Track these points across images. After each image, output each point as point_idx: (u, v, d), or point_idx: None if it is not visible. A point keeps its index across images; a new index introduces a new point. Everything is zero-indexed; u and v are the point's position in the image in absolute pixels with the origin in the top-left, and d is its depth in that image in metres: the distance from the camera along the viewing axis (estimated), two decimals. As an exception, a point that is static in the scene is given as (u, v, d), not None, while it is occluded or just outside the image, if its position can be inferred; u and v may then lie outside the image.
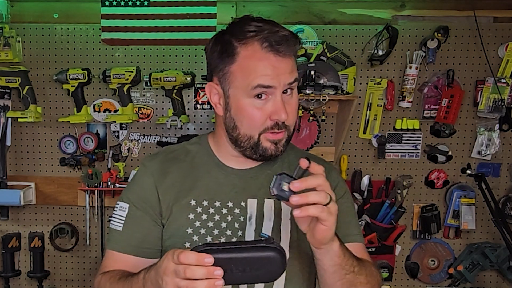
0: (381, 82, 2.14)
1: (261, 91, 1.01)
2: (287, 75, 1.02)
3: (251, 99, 1.02)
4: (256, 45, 1.01)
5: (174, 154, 1.17)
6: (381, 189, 2.19)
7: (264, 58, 1.01)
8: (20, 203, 2.11)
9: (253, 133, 1.05)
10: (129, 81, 2.09)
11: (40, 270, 2.20)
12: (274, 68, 1.01)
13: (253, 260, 0.80)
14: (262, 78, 1.00)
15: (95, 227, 2.21)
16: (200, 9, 2.02)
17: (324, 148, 2.18)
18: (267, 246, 0.81)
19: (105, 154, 2.19)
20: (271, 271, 0.81)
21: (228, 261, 0.79)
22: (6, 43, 2.09)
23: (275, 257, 0.80)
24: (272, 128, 1.03)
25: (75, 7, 2.13)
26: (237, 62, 1.03)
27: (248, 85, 1.01)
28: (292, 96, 1.06)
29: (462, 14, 2.11)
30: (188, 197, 1.11)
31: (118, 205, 1.14)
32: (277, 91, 1.02)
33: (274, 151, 1.06)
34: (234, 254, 0.80)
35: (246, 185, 1.12)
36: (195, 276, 0.78)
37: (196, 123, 2.20)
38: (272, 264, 0.81)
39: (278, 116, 1.02)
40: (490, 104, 2.10)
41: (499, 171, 2.21)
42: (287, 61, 1.03)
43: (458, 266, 2.16)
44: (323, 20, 2.14)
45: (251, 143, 1.06)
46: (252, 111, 1.03)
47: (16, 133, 2.20)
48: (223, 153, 1.15)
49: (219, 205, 1.10)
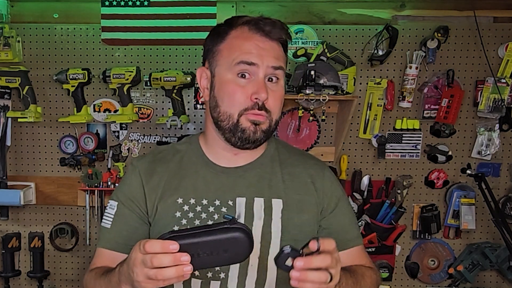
0: (381, 82, 2.14)
1: (244, 67, 1.04)
2: (271, 57, 1.05)
3: (234, 76, 1.05)
4: (245, 28, 1.07)
5: (163, 154, 1.18)
6: (381, 189, 2.19)
7: (250, 38, 1.05)
8: (20, 203, 2.11)
9: (232, 111, 1.05)
10: (129, 81, 2.09)
11: (40, 270, 2.20)
12: (258, 48, 1.04)
13: (218, 243, 0.80)
14: (245, 55, 1.04)
15: (95, 227, 2.22)
16: (200, 9, 2.02)
17: (324, 148, 2.19)
18: (231, 227, 0.81)
19: (105, 154, 2.19)
20: (238, 252, 0.81)
21: (194, 246, 0.79)
22: (6, 43, 2.09)
23: (240, 237, 0.80)
24: (252, 109, 1.04)
25: (75, 7, 2.13)
26: (226, 41, 1.08)
27: (233, 61, 1.04)
28: (277, 85, 1.07)
29: (462, 14, 2.11)
30: (175, 195, 1.11)
31: (108, 204, 1.16)
32: (260, 71, 1.04)
33: (253, 132, 1.05)
34: (199, 238, 0.79)
35: (234, 184, 1.12)
36: (163, 264, 0.78)
37: (196, 123, 2.20)
38: (238, 245, 0.81)
39: (258, 95, 1.03)
40: (490, 104, 2.10)
41: (499, 171, 2.21)
42: (273, 44, 1.06)
43: (458, 266, 2.17)
44: (323, 20, 2.14)
45: (230, 123, 1.06)
46: (233, 87, 1.05)
47: (16, 133, 2.20)
48: (212, 151, 1.15)
49: (206, 203, 1.10)
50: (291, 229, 1.10)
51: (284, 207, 1.11)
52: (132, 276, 0.83)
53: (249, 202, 1.10)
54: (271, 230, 1.09)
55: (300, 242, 1.10)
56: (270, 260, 1.08)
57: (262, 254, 1.08)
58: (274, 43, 1.07)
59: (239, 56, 1.04)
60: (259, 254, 1.08)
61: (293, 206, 1.12)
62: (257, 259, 1.08)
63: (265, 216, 1.10)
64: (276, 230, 1.09)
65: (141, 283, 0.82)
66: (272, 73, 1.06)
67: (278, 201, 1.11)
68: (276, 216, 1.10)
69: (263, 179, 1.13)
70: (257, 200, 1.11)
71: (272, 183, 1.13)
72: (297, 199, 1.13)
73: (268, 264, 1.08)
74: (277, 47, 1.07)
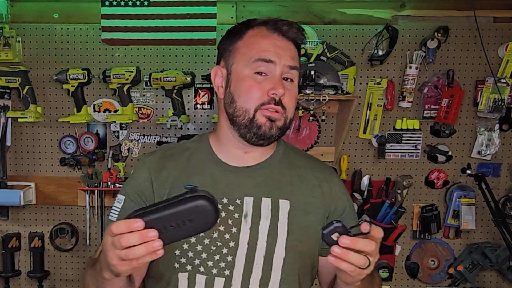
0: (381, 82, 2.14)
1: (261, 65, 1.05)
2: (287, 57, 1.07)
3: (251, 73, 1.06)
4: (262, 27, 1.09)
5: (172, 151, 1.19)
6: (381, 189, 2.19)
7: (268, 36, 1.08)
8: (20, 203, 2.11)
9: (249, 106, 1.06)
10: (129, 81, 2.09)
11: (40, 270, 2.20)
12: (276, 46, 1.06)
13: (183, 213, 0.80)
14: (263, 53, 1.05)
15: (95, 227, 2.22)
16: (200, 9, 2.02)
17: (324, 148, 2.19)
18: (193, 196, 0.81)
19: (105, 154, 2.19)
20: (205, 219, 0.81)
21: (159, 220, 0.79)
22: (6, 43, 2.09)
23: (204, 204, 0.80)
24: (268, 103, 1.05)
25: (75, 7, 2.14)
26: (243, 39, 1.10)
27: (251, 58, 1.06)
28: (292, 85, 1.09)
29: (462, 14, 2.11)
30: (183, 191, 1.11)
31: (116, 198, 1.17)
32: (277, 69, 1.06)
33: (269, 129, 1.06)
34: (163, 212, 0.80)
35: (243, 183, 1.12)
36: (131, 243, 0.78)
37: (196, 123, 2.20)
38: (203, 212, 0.81)
39: (275, 90, 1.04)
40: (490, 104, 2.10)
41: (499, 171, 2.21)
42: (289, 44, 1.09)
43: (458, 266, 2.17)
44: (323, 20, 2.14)
45: (245, 119, 1.06)
46: (250, 83, 1.06)
47: (16, 133, 2.20)
48: (222, 149, 1.15)
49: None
50: (297, 230, 1.10)
51: (291, 208, 1.11)
52: (108, 260, 0.84)
53: (256, 201, 1.11)
54: (277, 230, 1.10)
55: (306, 243, 1.11)
56: (275, 260, 1.08)
57: (267, 253, 1.08)
58: (291, 43, 1.09)
59: (257, 53, 1.06)
60: (264, 253, 1.08)
61: (300, 207, 1.12)
62: (262, 258, 1.08)
63: (272, 216, 1.10)
64: (282, 231, 1.10)
65: (116, 266, 0.83)
66: (288, 72, 1.07)
67: (285, 202, 1.12)
68: (283, 216, 1.11)
69: (271, 179, 1.14)
70: (265, 200, 1.11)
71: (280, 184, 1.14)
72: (304, 201, 1.13)
73: (273, 263, 1.08)
74: (293, 47, 1.10)
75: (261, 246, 1.08)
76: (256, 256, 1.07)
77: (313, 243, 1.13)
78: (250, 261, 1.07)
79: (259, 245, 1.08)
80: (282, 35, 1.08)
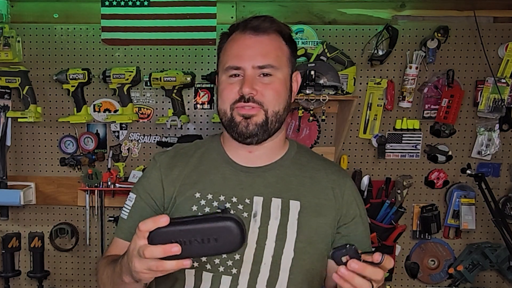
0: (381, 82, 2.14)
1: (231, 72, 1.10)
2: (258, 57, 1.09)
3: (227, 77, 1.12)
4: (237, 31, 1.13)
5: (185, 150, 1.22)
6: (381, 189, 2.19)
7: (238, 39, 1.12)
8: (20, 203, 2.11)
9: (225, 106, 1.11)
10: (129, 81, 2.09)
11: (40, 270, 2.20)
12: (245, 48, 1.10)
13: (210, 230, 0.81)
14: (232, 60, 1.10)
15: (95, 227, 2.22)
16: (200, 9, 2.02)
17: (324, 148, 2.18)
18: (223, 216, 0.82)
19: (105, 154, 2.19)
20: (230, 241, 0.82)
21: (187, 232, 0.81)
22: (6, 43, 2.09)
23: (231, 226, 0.81)
24: (239, 101, 1.08)
25: (75, 7, 2.14)
26: (224, 47, 1.16)
27: (224, 65, 1.12)
28: (270, 78, 1.10)
29: (462, 14, 2.11)
30: (193, 189, 1.13)
31: (128, 196, 1.20)
32: (246, 72, 1.09)
33: (245, 126, 1.09)
34: (191, 225, 0.81)
35: (253, 183, 1.13)
36: (155, 256, 0.79)
37: (196, 123, 2.20)
38: (229, 234, 0.82)
39: (241, 89, 1.08)
40: (490, 104, 2.10)
41: (499, 171, 2.21)
42: (261, 39, 1.10)
43: (458, 266, 2.17)
44: (323, 20, 2.14)
45: (226, 118, 1.12)
46: (225, 86, 1.11)
47: (16, 133, 2.20)
48: (231, 149, 1.17)
49: (223, 199, 1.12)
50: (306, 231, 1.11)
51: (301, 209, 1.12)
52: (131, 266, 0.84)
53: (266, 201, 1.11)
54: (286, 230, 1.10)
55: (315, 245, 1.11)
56: (283, 260, 1.09)
57: (276, 253, 1.09)
58: (263, 37, 1.10)
59: (227, 61, 1.11)
60: (273, 253, 1.08)
61: (311, 209, 1.13)
62: (270, 257, 1.08)
63: (282, 217, 1.11)
64: (291, 231, 1.10)
65: (140, 273, 0.84)
66: (260, 72, 1.09)
67: (296, 203, 1.12)
68: (293, 217, 1.11)
69: (282, 180, 1.15)
70: (275, 200, 1.12)
71: (291, 185, 1.14)
72: (315, 203, 1.14)
73: (281, 264, 1.09)
74: (267, 41, 1.11)
75: (270, 246, 1.09)
76: (264, 256, 1.08)
77: (322, 245, 1.13)
78: (258, 260, 1.08)
79: (268, 245, 1.09)
80: (254, 31, 1.10)
